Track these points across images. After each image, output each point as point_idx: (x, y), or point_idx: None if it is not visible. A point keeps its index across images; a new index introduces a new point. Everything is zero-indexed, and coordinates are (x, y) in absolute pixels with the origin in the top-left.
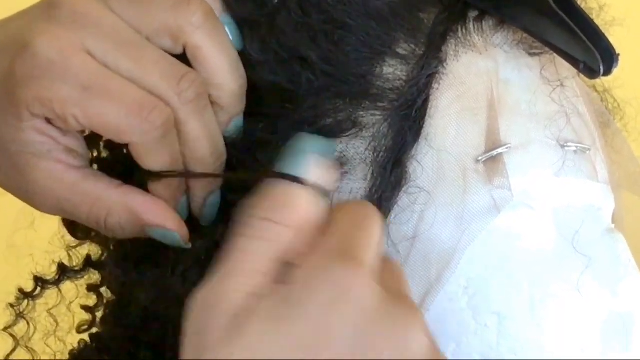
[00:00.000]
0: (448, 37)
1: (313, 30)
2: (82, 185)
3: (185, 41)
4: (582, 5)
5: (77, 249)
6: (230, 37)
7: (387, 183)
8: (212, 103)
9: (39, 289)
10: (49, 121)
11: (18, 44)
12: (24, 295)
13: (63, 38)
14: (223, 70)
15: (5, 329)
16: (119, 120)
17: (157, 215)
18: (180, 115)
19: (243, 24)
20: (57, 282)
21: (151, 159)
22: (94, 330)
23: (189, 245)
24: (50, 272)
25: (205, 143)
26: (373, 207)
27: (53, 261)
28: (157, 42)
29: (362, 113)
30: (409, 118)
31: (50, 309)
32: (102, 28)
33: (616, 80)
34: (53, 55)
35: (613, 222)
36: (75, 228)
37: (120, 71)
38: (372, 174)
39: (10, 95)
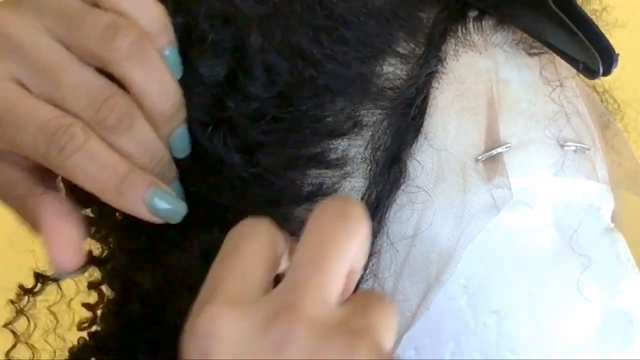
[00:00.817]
0: (448, 37)
1: (315, 26)
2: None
3: (112, 70)
4: (585, 7)
5: None
6: (169, 64)
7: (386, 182)
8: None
9: (39, 285)
10: None
11: None
12: (24, 291)
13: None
14: (150, 95)
15: (5, 325)
16: (29, 147)
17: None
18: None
19: (246, 19)
20: (57, 279)
21: (71, 177)
22: (95, 328)
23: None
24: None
25: (140, 154)
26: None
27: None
28: (89, 62)
29: (362, 112)
30: (408, 117)
31: (50, 305)
32: (27, 52)
33: (616, 81)
34: None
35: (612, 221)
36: None
37: (42, 97)
38: (371, 172)
39: None
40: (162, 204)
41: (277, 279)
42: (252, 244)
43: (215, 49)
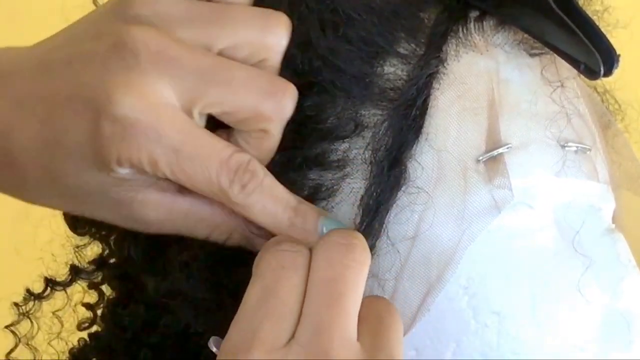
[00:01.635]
0: (449, 37)
1: (322, 20)
2: (195, 213)
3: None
4: (586, 8)
5: (79, 249)
6: None
7: (386, 183)
8: None
9: (48, 289)
10: None
11: (95, 100)
12: (32, 296)
13: (148, 93)
14: None
15: (7, 327)
16: (208, 184)
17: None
18: (275, 131)
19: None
20: (68, 284)
21: (252, 215)
22: (95, 328)
23: None
24: (56, 274)
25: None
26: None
27: (56, 262)
28: (234, 55)
29: (363, 113)
30: (408, 117)
31: (56, 311)
32: (183, 63)
33: (618, 82)
34: (140, 115)
35: (613, 222)
36: (76, 224)
37: (214, 106)
38: (371, 173)
39: (97, 155)
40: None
41: None
42: (292, 278)
43: None
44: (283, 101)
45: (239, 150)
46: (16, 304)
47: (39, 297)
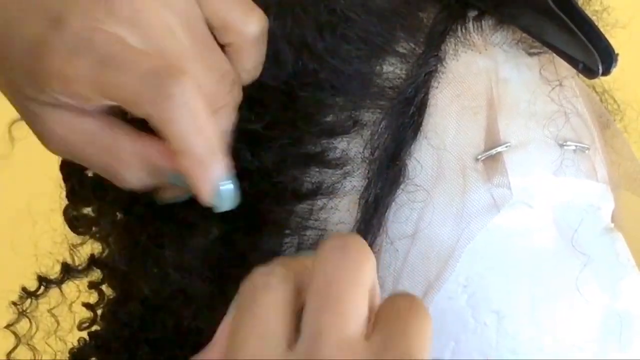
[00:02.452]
0: (447, 36)
1: (319, 21)
2: (98, 137)
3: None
4: (585, 7)
5: (79, 248)
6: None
7: (385, 181)
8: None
9: (42, 288)
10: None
11: (53, 11)
12: (27, 294)
13: (100, 20)
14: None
15: (7, 327)
16: (133, 92)
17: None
18: (243, 46)
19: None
20: (60, 282)
21: (167, 130)
22: (95, 327)
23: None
24: (53, 272)
25: (257, 70)
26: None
27: (57, 261)
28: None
29: (362, 111)
30: (407, 116)
31: (52, 308)
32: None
33: (616, 82)
34: (82, 33)
35: (612, 221)
36: (77, 224)
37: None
38: (370, 171)
39: (33, 63)
40: (228, 191)
41: None
42: (266, 296)
43: None
44: (249, 17)
45: (178, 65)
46: (14, 303)
47: (33, 294)
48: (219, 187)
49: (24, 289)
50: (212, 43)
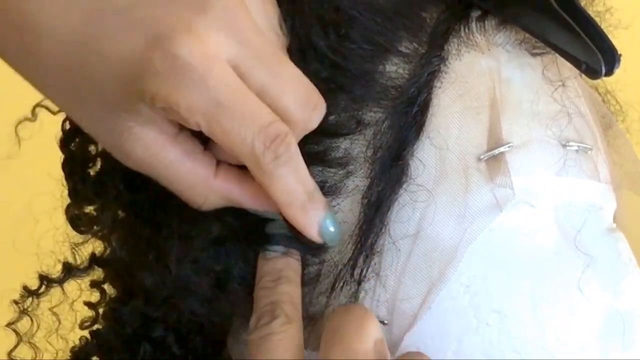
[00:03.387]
0: (450, 36)
1: (323, 20)
2: (179, 167)
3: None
4: (588, 8)
5: (80, 247)
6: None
7: (388, 180)
8: None
9: (43, 287)
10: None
11: (154, 27)
12: (28, 293)
13: (209, 42)
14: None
15: (8, 325)
16: (242, 144)
17: (258, 205)
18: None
19: None
20: (62, 281)
21: (273, 185)
22: (97, 326)
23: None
24: (55, 271)
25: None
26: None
27: (58, 260)
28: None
29: (365, 111)
30: (410, 115)
31: (53, 307)
32: (249, 36)
33: (619, 83)
34: (194, 60)
35: (614, 222)
36: (79, 222)
37: (256, 85)
38: (373, 170)
39: (132, 81)
40: (331, 227)
41: None
42: None
43: None
44: (312, 115)
45: (281, 121)
46: (16, 302)
47: (34, 293)
48: (323, 225)
49: (25, 288)
50: None
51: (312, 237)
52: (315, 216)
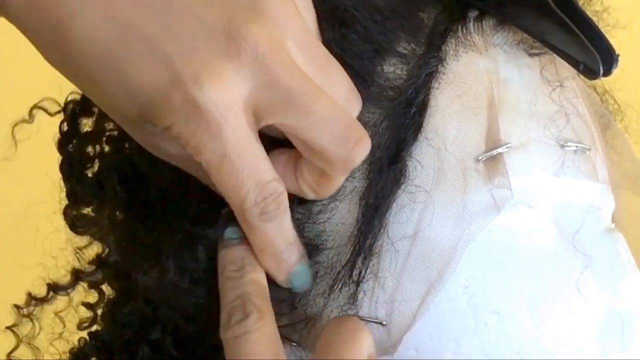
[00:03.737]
0: (448, 37)
1: (323, 17)
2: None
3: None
4: (586, 8)
5: (80, 251)
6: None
7: (386, 181)
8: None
9: (51, 293)
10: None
11: (185, 69)
12: (33, 300)
13: (232, 90)
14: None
15: (9, 328)
16: (235, 195)
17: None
18: (334, 176)
19: None
20: (70, 287)
21: (254, 237)
22: (95, 327)
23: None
24: (56, 273)
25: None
26: None
27: (57, 265)
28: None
29: (363, 111)
30: (408, 116)
31: (59, 312)
32: (279, 76)
33: (617, 83)
34: (212, 107)
35: (613, 222)
36: (77, 223)
37: (284, 125)
38: (371, 172)
39: (150, 110)
40: (301, 277)
41: None
42: None
43: None
44: (353, 152)
45: (279, 179)
46: (17, 306)
47: (42, 300)
48: (293, 273)
49: (29, 295)
50: None
51: (280, 283)
52: (286, 267)
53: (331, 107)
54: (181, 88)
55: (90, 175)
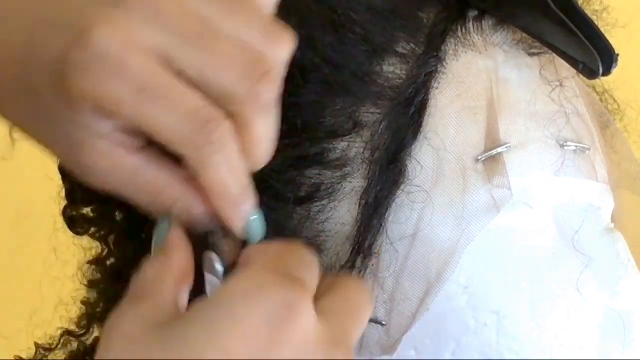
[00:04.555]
0: (447, 37)
1: (322, 19)
2: (144, 173)
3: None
4: (585, 7)
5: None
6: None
7: (385, 181)
8: None
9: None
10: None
11: (75, 26)
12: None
13: (127, 30)
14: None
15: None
16: (172, 130)
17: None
18: (249, 117)
19: None
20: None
21: (206, 174)
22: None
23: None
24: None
25: (267, 147)
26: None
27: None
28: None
29: (362, 112)
30: (407, 116)
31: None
32: (174, 20)
33: (617, 82)
34: (112, 49)
35: (613, 221)
36: (75, 224)
37: (188, 70)
38: (370, 172)
39: (61, 82)
40: (258, 225)
41: None
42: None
43: None
44: (257, 87)
45: (217, 108)
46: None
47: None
48: (249, 221)
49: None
50: None
51: (237, 232)
52: (245, 212)
53: (233, 44)
54: (79, 43)
55: None
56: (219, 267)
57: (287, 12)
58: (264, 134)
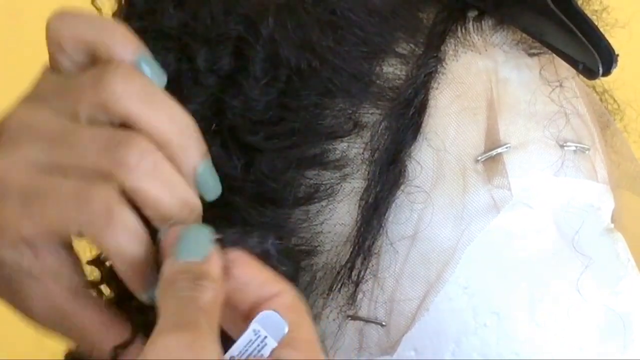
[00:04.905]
0: (447, 37)
1: (321, 21)
2: (72, 317)
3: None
4: (585, 7)
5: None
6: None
7: (385, 182)
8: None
9: None
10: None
11: None
12: None
13: (5, 159)
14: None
15: None
16: (60, 219)
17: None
18: (128, 185)
19: (262, 7)
20: None
21: (109, 242)
22: None
23: None
24: None
25: (166, 200)
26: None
27: None
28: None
29: (362, 112)
30: (407, 117)
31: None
32: (39, 133)
33: (616, 82)
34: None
35: (612, 222)
36: None
37: (61, 166)
38: (370, 172)
39: None
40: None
41: None
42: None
43: (222, 41)
44: (118, 153)
45: (83, 183)
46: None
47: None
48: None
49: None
50: None
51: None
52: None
53: (89, 131)
54: None
55: None
56: None
57: (286, 14)
58: (154, 190)
